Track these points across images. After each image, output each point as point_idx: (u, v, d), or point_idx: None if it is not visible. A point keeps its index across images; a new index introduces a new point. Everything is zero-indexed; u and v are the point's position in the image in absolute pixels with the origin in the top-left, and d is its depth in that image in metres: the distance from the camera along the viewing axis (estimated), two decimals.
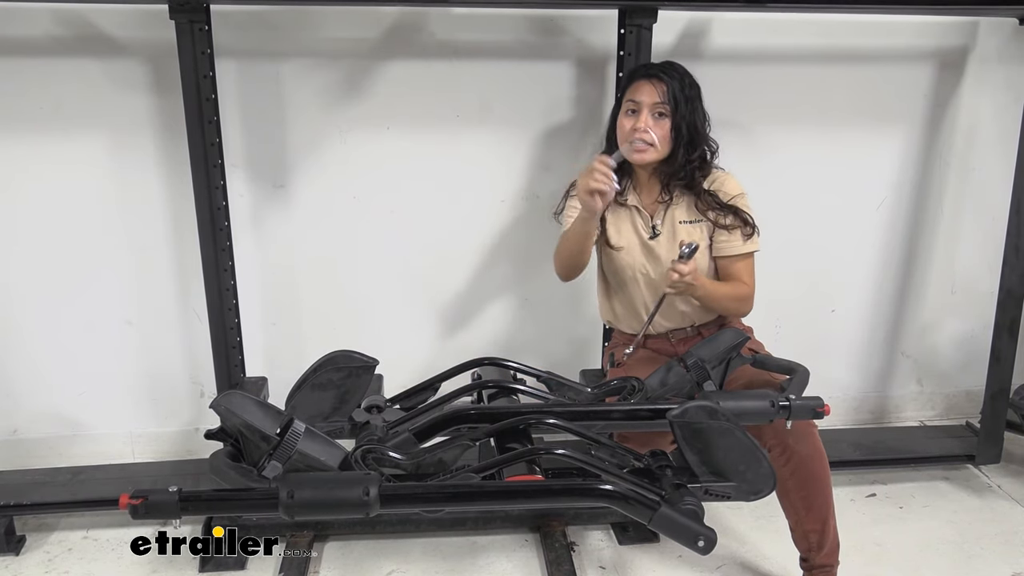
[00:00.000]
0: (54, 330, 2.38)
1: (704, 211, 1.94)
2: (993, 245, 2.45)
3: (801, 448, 1.78)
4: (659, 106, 1.87)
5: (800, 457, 1.78)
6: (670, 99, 1.86)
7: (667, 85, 1.87)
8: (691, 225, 1.95)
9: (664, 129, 1.88)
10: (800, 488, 1.81)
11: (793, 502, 1.84)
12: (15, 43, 2.12)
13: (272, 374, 2.40)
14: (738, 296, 1.94)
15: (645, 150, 1.88)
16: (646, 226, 1.98)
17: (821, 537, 1.85)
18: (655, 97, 1.87)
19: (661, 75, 1.88)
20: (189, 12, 1.94)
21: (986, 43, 2.45)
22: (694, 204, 1.95)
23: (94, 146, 2.23)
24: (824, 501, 1.83)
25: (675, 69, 1.91)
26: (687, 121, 1.88)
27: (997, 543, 2.21)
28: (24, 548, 2.16)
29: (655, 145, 1.87)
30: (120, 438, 2.52)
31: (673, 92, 1.87)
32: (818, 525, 1.84)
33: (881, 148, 2.53)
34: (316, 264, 2.42)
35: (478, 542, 2.20)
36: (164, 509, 1.31)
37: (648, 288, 1.99)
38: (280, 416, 1.42)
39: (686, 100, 1.88)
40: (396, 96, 2.28)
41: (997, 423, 2.40)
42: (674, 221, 1.96)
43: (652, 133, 1.86)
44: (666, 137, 1.88)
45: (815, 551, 1.87)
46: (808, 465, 1.79)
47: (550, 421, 1.52)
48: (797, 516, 1.86)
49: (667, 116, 1.88)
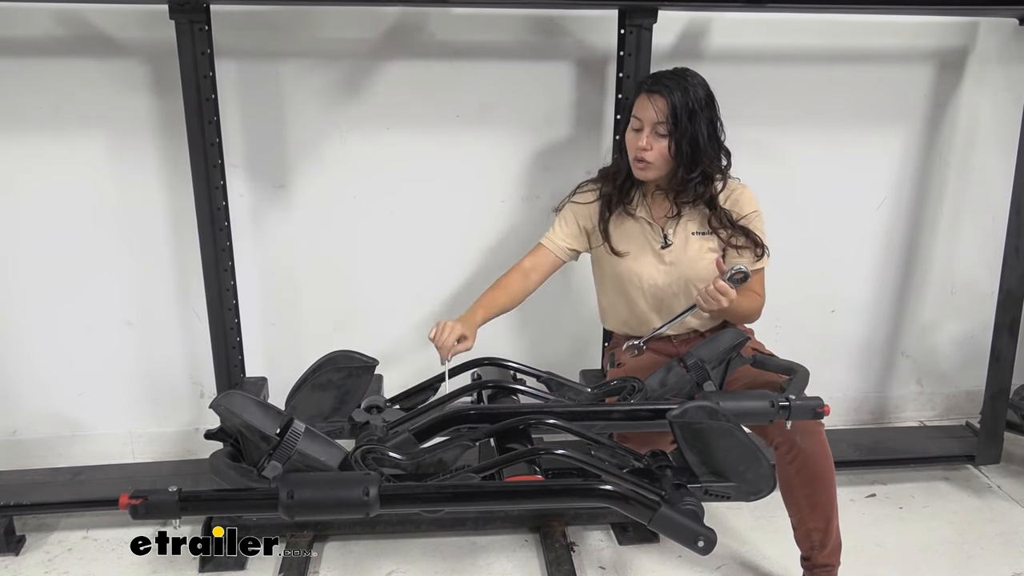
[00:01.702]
0: (54, 330, 2.38)
1: (716, 229, 1.93)
2: (993, 245, 2.45)
3: (808, 445, 1.78)
4: (658, 125, 1.82)
5: (806, 455, 1.78)
6: (669, 117, 1.80)
7: (668, 100, 1.80)
8: (702, 237, 1.94)
9: (662, 147, 1.84)
10: (805, 486, 1.81)
11: (797, 500, 1.84)
12: (15, 43, 2.12)
13: (272, 374, 2.40)
14: (754, 310, 1.96)
15: (646, 168, 1.87)
16: (656, 236, 1.97)
17: (824, 536, 1.85)
18: (654, 115, 1.82)
19: (663, 91, 1.81)
20: (189, 12, 1.94)
21: (986, 43, 2.45)
22: (707, 219, 1.94)
23: (94, 146, 2.23)
24: (828, 500, 1.83)
25: (683, 81, 1.83)
26: (688, 138, 1.82)
27: (997, 543, 2.21)
28: (24, 548, 2.16)
29: (655, 164, 1.86)
30: (120, 438, 2.52)
31: (674, 108, 1.80)
32: (822, 524, 1.84)
33: (881, 148, 2.53)
34: (316, 264, 2.42)
35: (478, 542, 2.20)
36: (164, 509, 1.31)
37: (653, 296, 1.98)
38: (280, 416, 1.42)
39: (689, 116, 1.80)
40: (396, 96, 2.28)
41: (997, 423, 2.40)
42: (687, 232, 1.95)
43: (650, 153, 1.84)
44: (663, 155, 1.84)
45: (818, 550, 1.87)
46: (814, 463, 1.79)
47: (550, 421, 1.52)
48: (801, 515, 1.85)
49: (665, 136, 1.83)
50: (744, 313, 1.94)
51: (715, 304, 1.76)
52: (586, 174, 2.34)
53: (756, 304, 1.96)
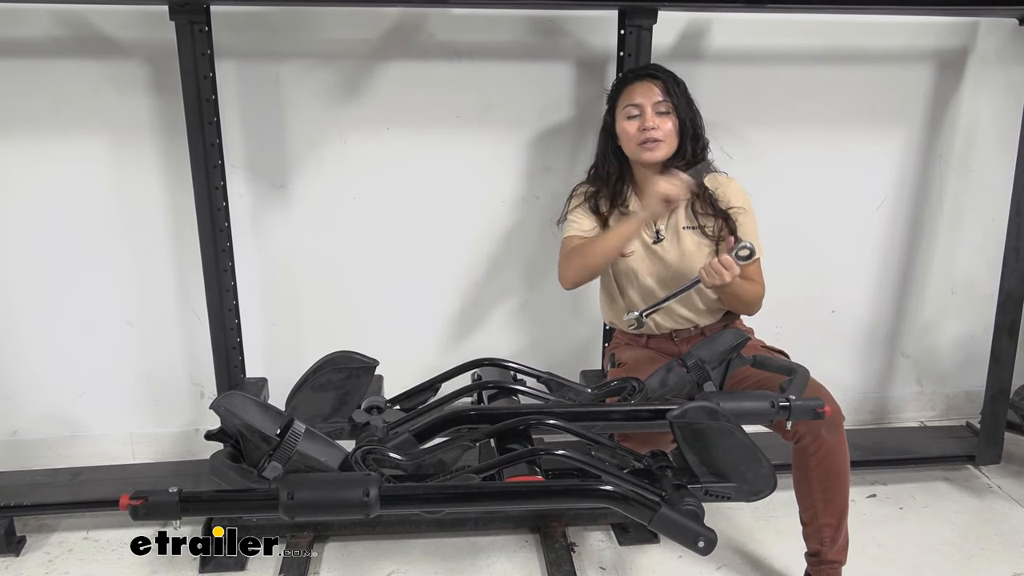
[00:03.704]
0: (54, 331, 2.38)
1: (699, 215, 1.94)
2: (993, 246, 2.45)
3: (832, 439, 1.79)
4: (661, 104, 1.89)
5: (829, 448, 1.79)
6: (670, 95, 1.89)
7: (662, 81, 1.90)
8: (692, 231, 1.95)
9: (669, 125, 1.89)
10: (823, 479, 1.82)
11: (813, 494, 1.85)
12: (16, 44, 2.12)
13: (272, 375, 2.40)
14: (757, 296, 1.95)
15: (656, 147, 1.89)
16: (650, 231, 1.98)
17: (836, 532, 1.86)
18: (655, 96, 1.89)
19: (655, 74, 1.91)
20: (189, 13, 1.94)
21: (986, 44, 2.45)
22: (691, 207, 1.95)
23: (94, 147, 2.23)
24: (843, 497, 1.85)
25: (661, 69, 1.93)
26: (688, 115, 1.91)
27: (997, 543, 2.21)
28: (24, 549, 2.16)
29: (666, 140, 1.88)
30: (120, 439, 2.52)
31: (670, 87, 1.89)
32: (835, 520, 1.85)
33: (881, 149, 2.53)
34: (316, 264, 2.42)
35: (478, 543, 2.20)
36: (164, 510, 1.31)
37: (646, 290, 1.99)
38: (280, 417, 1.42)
39: (682, 95, 1.91)
40: (396, 97, 2.28)
41: (997, 424, 2.40)
42: (677, 226, 1.97)
43: (659, 132, 1.87)
44: (673, 132, 1.90)
45: (828, 546, 1.87)
46: (835, 458, 1.81)
47: (550, 422, 1.52)
48: (815, 509, 1.86)
49: (671, 112, 1.89)
50: (747, 299, 1.93)
51: (717, 279, 1.77)
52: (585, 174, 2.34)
53: (757, 292, 1.95)
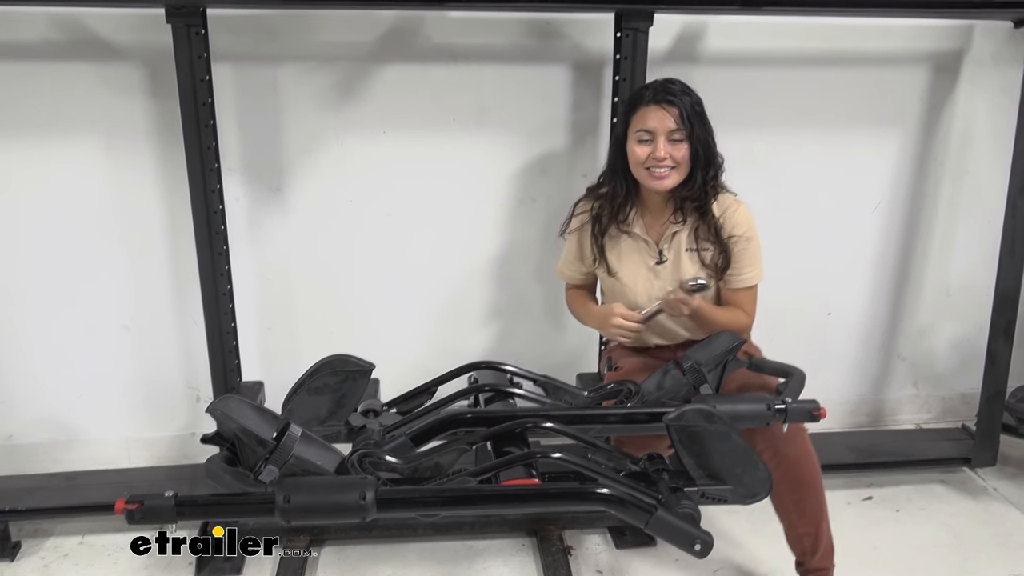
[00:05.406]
0: (50, 334, 2.37)
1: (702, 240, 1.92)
2: (988, 248, 2.45)
3: (790, 451, 1.78)
4: (675, 132, 1.83)
5: (790, 460, 1.78)
6: (684, 123, 1.82)
7: (679, 107, 1.82)
8: (694, 254, 1.93)
9: (682, 153, 1.84)
10: (792, 491, 1.81)
11: (786, 505, 1.84)
12: (11, 47, 2.12)
13: (268, 378, 2.40)
14: (736, 326, 1.92)
15: (665, 176, 1.85)
16: (652, 253, 1.96)
17: (815, 541, 1.85)
18: (669, 123, 1.82)
19: (672, 99, 1.82)
20: (185, 16, 1.94)
21: (981, 46, 2.46)
22: (695, 230, 1.92)
23: (90, 150, 2.22)
24: (816, 504, 1.83)
25: (681, 89, 1.85)
26: (702, 142, 1.85)
27: (993, 546, 2.21)
28: (20, 554, 2.15)
29: (677, 168, 1.85)
30: (116, 443, 2.52)
31: (686, 114, 1.82)
32: (811, 528, 1.84)
33: (876, 151, 2.54)
34: (312, 268, 2.42)
35: (475, 546, 2.20)
36: (160, 514, 1.31)
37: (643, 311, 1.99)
38: (276, 420, 1.42)
39: (699, 119, 1.84)
40: (392, 100, 2.28)
41: (993, 426, 2.41)
42: (680, 248, 1.94)
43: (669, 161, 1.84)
44: (685, 159, 1.85)
45: (809, 555, 1.87)
46: (798, 467, 1.79)
47: (547, 425, 1.52)
48: (790, 519, 1.86)
49: (684, 140, 1.84)
50: (723, 326, 1.91)
51: (677, 311, 1.85)
52: (582, 177, 2.35)
53: (740, 322, 1.95)
